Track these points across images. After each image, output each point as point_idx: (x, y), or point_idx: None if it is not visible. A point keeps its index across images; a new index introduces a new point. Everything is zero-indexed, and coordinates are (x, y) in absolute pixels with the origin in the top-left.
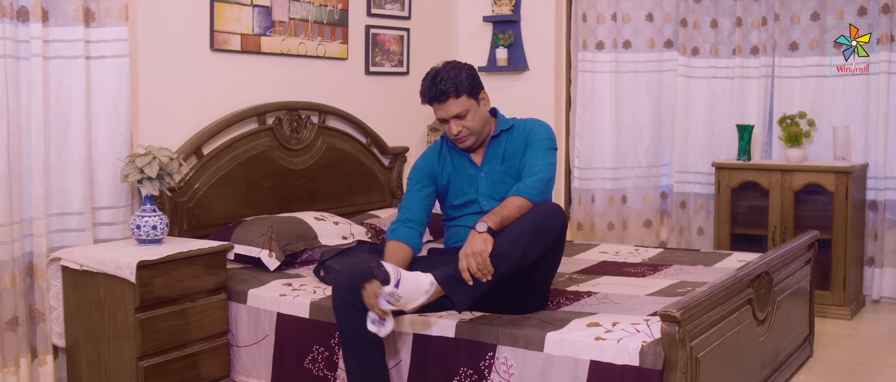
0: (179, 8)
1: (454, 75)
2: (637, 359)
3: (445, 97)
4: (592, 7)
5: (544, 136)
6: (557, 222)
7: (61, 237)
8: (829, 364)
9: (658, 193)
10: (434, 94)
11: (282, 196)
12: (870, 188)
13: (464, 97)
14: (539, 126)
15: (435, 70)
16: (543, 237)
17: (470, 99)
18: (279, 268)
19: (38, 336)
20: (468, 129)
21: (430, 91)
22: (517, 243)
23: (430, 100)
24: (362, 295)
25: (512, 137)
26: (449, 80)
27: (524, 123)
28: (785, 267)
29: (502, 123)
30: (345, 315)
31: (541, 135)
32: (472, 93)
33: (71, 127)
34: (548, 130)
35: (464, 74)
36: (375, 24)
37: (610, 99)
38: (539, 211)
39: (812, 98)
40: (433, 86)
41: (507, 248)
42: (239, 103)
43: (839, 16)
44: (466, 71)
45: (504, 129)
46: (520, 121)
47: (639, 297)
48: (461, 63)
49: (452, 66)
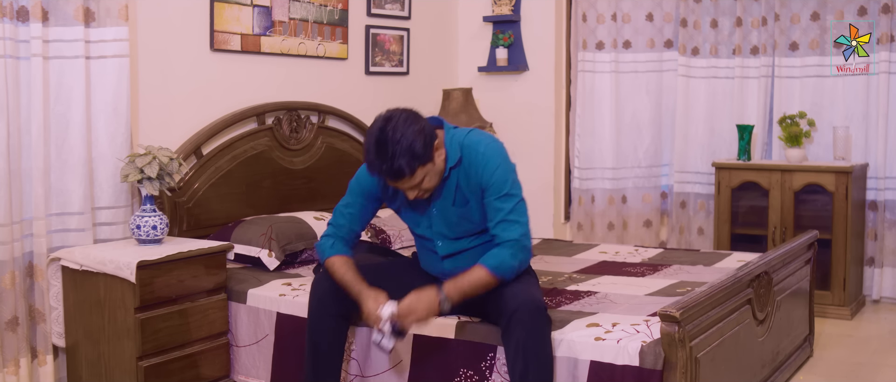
0: (179, 8)
1: (405, 149)
2: (637, 359)
3: (400, 178)
4: (592, 7)
5: (498, 177)
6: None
7: (61, 237)
8: (829, 364)
9: (658, 193)
10: (385, 174)
11: (281, 196)
12: (870, 188)
13: (419, 169)
14: (490, 159)
15: (381, 139)
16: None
17: (426, 165)
18: (279, 268)
19: (38, 336)
20: (427, 190)
21: (379, 167)
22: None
23: (380, 176)
24: (364, 314)
25: (463, 171)
26: (401, 156)
27: (475, 154)
28: (785, 267)
29: (450, 158)
30: (316, 316)
31: (495, 174)
32: (426, 157)
33: (71, 127)
34: (498, 160)
35: (418, 143)
36: (375, 24)
37: (610, 99)
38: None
39: (812, 98)
40: (383, 162)
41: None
42: (239, 103)
43: (839, 16)
44: (419, 137)
45: (453, 167)
46: (466, 145)
47: (639, 297)
48: (410, 121)
49: (403, 133)
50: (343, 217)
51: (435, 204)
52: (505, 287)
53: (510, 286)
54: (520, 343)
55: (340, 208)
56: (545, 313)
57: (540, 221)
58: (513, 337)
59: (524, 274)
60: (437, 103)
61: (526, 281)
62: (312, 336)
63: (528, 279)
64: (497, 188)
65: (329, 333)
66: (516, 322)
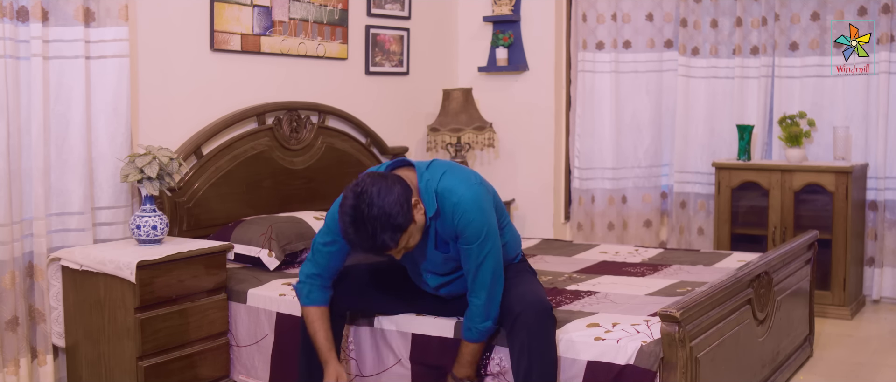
0: (179, 8)
1: (385, 224)
2: (636, 359)
3: (385, 251)
4: (592, 7)
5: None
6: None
7: (61, 237)
8: (829, 364)
9: (658, 193)
10: (369, 250)
11: (281, 196)
12: (870, 188)
13: (402, 239)
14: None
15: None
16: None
17: (406, 231)
18: (279, 268)
19: (38, 336)
20: (410, 246)
21: (361, 245)
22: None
23: (364, 252)
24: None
25: (441, 222)
26: (383, 232)
27: (451, 205)
28: (785, 267)
29: (428, 209)
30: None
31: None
32: (407, 223)
33: (71, 127)
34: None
35: (397, 215)
36: (375, 24)
37: (610, 99)
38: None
39: (812, 98)
40: (364, 240)
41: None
42: (239, 103)
43: (839, 16)
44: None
45: (431, 217)
46: (441, 193)
47: (638, 297)
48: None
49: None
50: (322, 255)
51: (416, 249)
52: (509, 288)
53: (515, 287)
54: (524, 345)
55: (319, 246)
56: (551, 313)
57: (540, 221)
58: (517, 338)
59: (525, 272)
60: (437, 103)
61: (528, 280)
62: (305, 338)
63: (530, 278)
64: (467, 239)
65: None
66: (521, 323)
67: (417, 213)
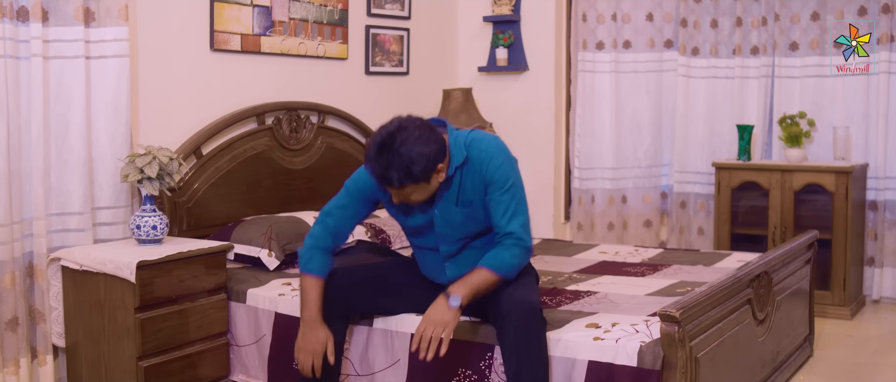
0: (179, 8)
1: (403, 165)
2: (635, 359)
3: (390, 184)
4: (592, 7)
5: (502, 172)
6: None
7: (61, 237)
8: (829, 364)
9: (658, 193)
10: (375, 175)
11: (281, 196)
12: (870, 188)
13: (410, 186)
14: (494, 155)
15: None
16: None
17: (419, 184)
18: (279, 268)
19: (38, 336)
20: (413, 201)
21: (373, 168)
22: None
23: (371, 174)
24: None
25: (468, 172)
26: (396, 169)
27: (479, 152)
28: (785, 267)
29: (455, 158)
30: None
31: (499, 170)
32: (424, 177)
33: (71, 127)
34: (502, 157)
35: (417, 165)
36: (375, 24)
37: (610, 99)
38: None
39: (812, 98)
40: (378, 165)
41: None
42: (239, 103)
43: (839, 16)
44: (421, 160)
45: (458, 166)
46: (470, 144)
47: (638, 297)
48: (415, 133)
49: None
50: (333, 217)
51: (438, 206)
52: (501, 288)
53: (506, 288)
54: (513, 345)
55: (332, 208)
56: (539, 314)
57: (540, 221)
58: (506, 339)
59: (523, 275)
60: (437, 103)
61: (523, 282)
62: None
63: (525, 280)
64: (499, 184)
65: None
66: (509, 324)
67: (435, 177)
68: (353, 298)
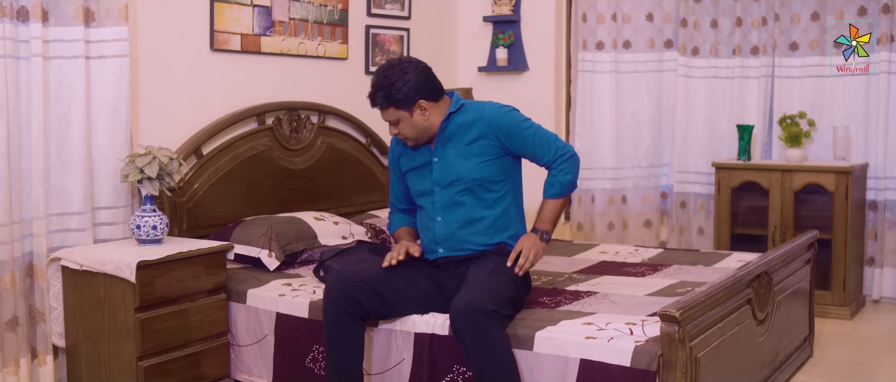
0: (179, 8)
1: (387, 84)
2: (629, 359)
3: (374, 104)
4: (592, 7)
5: (513, 117)
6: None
7: (61, 237)
8: (829, 364)
9: (658, 193)
10: (369, 99)
11: (281, 196)
12: (870, 188)
13: (391, 109)
14: (497, 107)
15: (383, 68)
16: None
17: (400, 111)
18: (279, 268)
19: (38, 336)
20: (403, 135)
21: (370, 89)
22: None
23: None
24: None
25: (462, 116)
26: (380, 89)
27: (477, 103)
28: (785, 267)
29: (453, 105)
30: (333, 319)
31: (508, 116)
32: (404, 105)
33: (71, 127)
34: (504, 107)
35: (398, 87)
36: (375, 24)
37: (610, 99)
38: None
39: (812, 98)
40: (371, 85)
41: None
42: (239, 103)
43: (839, 16)
44: (404, 87)
45: (452, 112)
46: (470, 102)
47: (638, 297)
48: (409, 67)
49: (397, 75)
50: (393, 194)
51: (436, 153)
52: (461, 284)
53: (462, 285)
54: (468, 346)
55: (390, 188)
56: (486, 311)
57: None
58: (461, 342)
59: (493, 268)
60: None
61: (482, 276)
62: (332, 343)
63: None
64: (516, 126)
65: (348, 336)
66: (456, 327)
67: (419, 115)
68: (374, 304)
